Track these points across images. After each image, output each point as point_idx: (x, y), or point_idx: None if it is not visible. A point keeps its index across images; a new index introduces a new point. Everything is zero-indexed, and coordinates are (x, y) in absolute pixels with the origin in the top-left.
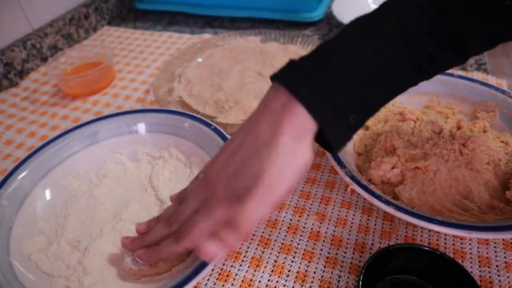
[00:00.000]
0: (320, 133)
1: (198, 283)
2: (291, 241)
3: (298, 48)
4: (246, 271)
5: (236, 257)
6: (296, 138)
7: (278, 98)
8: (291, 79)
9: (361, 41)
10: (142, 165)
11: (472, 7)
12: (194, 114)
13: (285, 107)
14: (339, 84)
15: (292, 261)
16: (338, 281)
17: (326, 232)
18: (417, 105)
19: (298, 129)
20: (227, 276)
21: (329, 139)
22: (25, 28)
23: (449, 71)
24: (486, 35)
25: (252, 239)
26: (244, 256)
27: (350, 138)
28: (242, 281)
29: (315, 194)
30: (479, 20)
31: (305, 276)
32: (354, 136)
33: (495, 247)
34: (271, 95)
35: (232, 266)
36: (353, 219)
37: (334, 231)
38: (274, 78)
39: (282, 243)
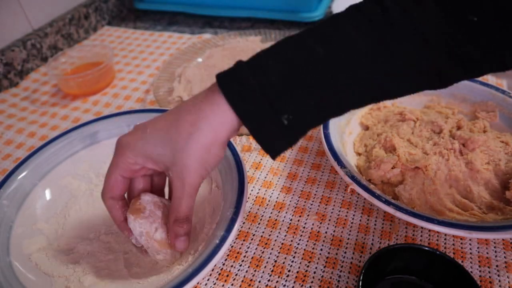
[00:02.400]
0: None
1: (198, 283)
2: (291, 241)
3: None
4: (246, 271)
5: (236, 257)
6: (214, 132)
7: (209, 93)
8: (225, 77)
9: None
10: None
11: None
12: None
13: (213, 102)
14: (271, 83)
15: (292, 261)
16: (338, 281)
17: (326, 232)
18: (417, 105)
19: (218, 124)
20: (227, 276)
21: (255, 138)
22: (25, 28)
23: None
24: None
25: (252, 239)
26: (244, 256)
27: (288, 141)
28: (242, 281)
29: (315, 194)
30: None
31: (305, 276)
32: (354, 136)
33: (495, 247)
34: (206, 91)
35: (232, 266)
36: (353, 219)
37: (334, 231)
38: (218, 78)
39: (282, 243)
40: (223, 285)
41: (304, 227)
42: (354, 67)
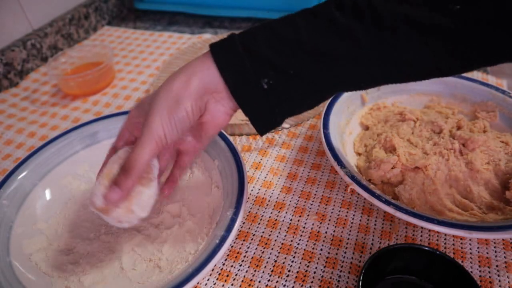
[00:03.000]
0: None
1: (198, 283)
2: (291, 241)
3: None
4: (246, 271)
5: (236, 257)
6: (188, 80)
7: (201, 57)
8: (216, 42)
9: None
10: None
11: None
12: None
13: (201, 59)
14: (255, 48)
15: (292, 261)
16: (338, 281)
17: (326, 232)
18: (417, 105)
19: (196, 72)
20: (227, 276)
21: (234, 96)
22: (25, 28)
23: None
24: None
25: (252, 239)
26: (244, 256)
27: (269, 110)
28: (242, 281)
29: (315, 194)
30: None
31: (305, 276)
32: (354, 136)
33: (495, 247)
34: (202, 56)
35: (232, 266)
36: (353, 219)
37: (334, 231)
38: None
39: (282, 243)
40: (223, 285)
41: (304, 227)
42: (334, 40)
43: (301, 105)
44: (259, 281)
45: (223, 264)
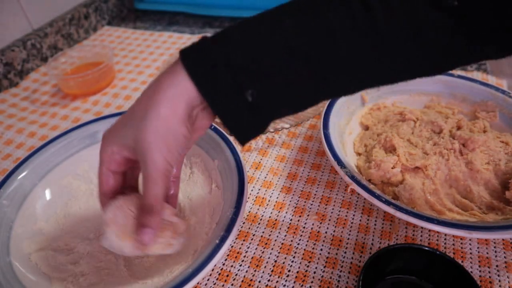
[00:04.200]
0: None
1: (198, 283)
2: (291, 241)
3: None
4: (246, 271)
5: (236, 257)
6: (171, 105)
7: (171, 67)
8: (187, 49)
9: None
10: None
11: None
12: None
13: (172, 73)
14: (234, 54)
15: (292, 261)
16: (338, 281)
17: (326, 232)
18: (417, 105)
19: (174, 95)
20: (227, 276)
21: (216, 112)
22: (25, 28)
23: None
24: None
25: (252, 239)
26: (244, 256)
27: (255, 124)
28: (242, 281)
29: (315, 194)
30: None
31: (305, 276)
32: (354, 136)
33: (495, 247)
34: (170, 65)
35: (232, 266)
36: (353, 219)
37: (334, 231)
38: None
39: (282, 243)
40: (223, 285)
41: (304, 227)
42: (324, 40)
43: (288, 113)
44: (259, 281)
45: (223, 264)
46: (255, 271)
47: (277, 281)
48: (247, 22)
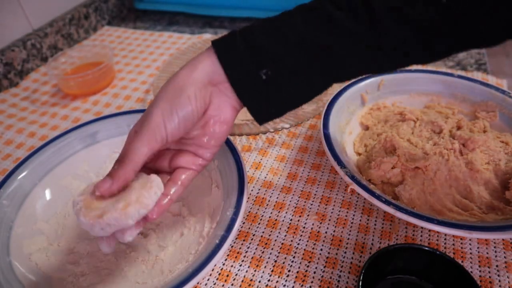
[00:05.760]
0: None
1: (198, 283)
2: (291, 241)
3: None
4: (246, 271)
5: (236, 257)
6: (192, 70)
7: (204, 51)
8: (218, 39)
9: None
10: None
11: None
12: None
13: (202, 53)
14: (254, 40)
15: (292, 261)
16: (338, 281)
17: (326, 232)
18: (417, 105)
19: (198, 63)
20: (227, 276)
21: (234, 87)
22: (25, 28)
23: (449, 71)
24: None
25: (252, 239)
26: (244, 256)
27: (268, 102)
28: (242, 281)
29: (315, 194)
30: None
31: (305, 276)
32: (354, 136)
33: (495, 247)
34: (205, 50)
35: (232, 266)
36: (353, 219)
37: (334, 231)
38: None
39: (282, 243)
40: (223, 285)
41: (304, 227)
42: (329, 35)
43: (298, 97)
44: (259, 281)
45: (223, 264)
46: (255, 271)
47: (277, 281)
48: (268, 18)
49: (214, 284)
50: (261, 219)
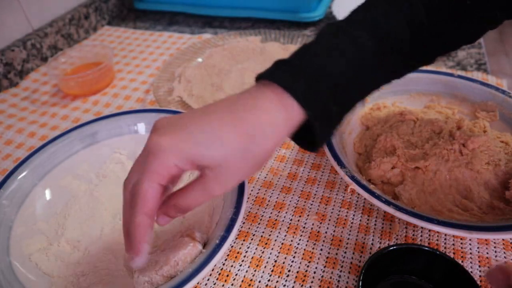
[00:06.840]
0: (300, 131)
1: (198, 283)
2: (291, 241)
3: None
4: (246, 271)
5: (236, 257)
6: (287, 131)
7: (266, 93)
8: (280, 75)
9: (341, 38)
10: None
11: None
12: None
13: (279, 101)
14: (322, 77)
15: (292, 261)
16: (338, 281)
17: (326, 232)
18: (417, 105)
19: (290, 120)
20: (227, 276)
21: (316, 129)
22: (25, 28)
23: (449, 71)
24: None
25: (252, 239)
26: (244, 256)
27: (331, 132)
28: (242, 281)
29: (315, 194)
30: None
31: (305, 276)
32: (354, 136)
33: (495, 247)
34: (257, 92)
35: (232, 266)
36: (353, 219)
37: (334, 231)
38: (262, 76)
39: (282, 243)
40: (223, 285)
41: (304, 227)
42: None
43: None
44: (259, 281)
45: (223, 264)
46: (255, 271)
47: (277, 281)
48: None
49: (214, 284)
50: (261, 219)
